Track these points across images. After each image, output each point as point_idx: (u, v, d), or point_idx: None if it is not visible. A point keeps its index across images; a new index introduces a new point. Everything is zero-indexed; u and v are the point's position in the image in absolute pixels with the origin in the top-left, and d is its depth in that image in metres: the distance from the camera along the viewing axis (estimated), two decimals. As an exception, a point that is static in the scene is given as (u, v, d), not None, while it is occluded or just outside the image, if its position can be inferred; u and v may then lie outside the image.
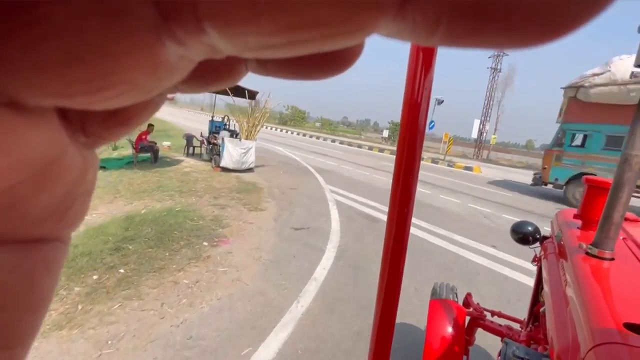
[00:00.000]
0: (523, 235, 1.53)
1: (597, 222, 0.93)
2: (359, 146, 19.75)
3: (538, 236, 1.52)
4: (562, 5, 0.06)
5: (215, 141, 7.22)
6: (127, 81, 0.07)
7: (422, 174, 10.32)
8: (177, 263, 2.97)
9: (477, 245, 4.25)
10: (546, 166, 8.75)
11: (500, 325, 1.55)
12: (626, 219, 1.39)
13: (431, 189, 8.14)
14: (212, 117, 8.48)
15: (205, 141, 7.94)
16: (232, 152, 6.83)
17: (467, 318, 1.61)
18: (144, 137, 6.57)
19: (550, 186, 8.73)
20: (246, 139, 7.19)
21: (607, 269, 0.90)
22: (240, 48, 0.07)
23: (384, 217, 5.16)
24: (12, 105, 0.07)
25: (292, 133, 25.66)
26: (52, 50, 0.06)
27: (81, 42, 0.06)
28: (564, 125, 8.43)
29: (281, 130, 27.92)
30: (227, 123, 8.51)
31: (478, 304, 1.74)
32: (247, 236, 3.78)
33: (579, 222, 1.31)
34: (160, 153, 8.61)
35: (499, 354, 0.96)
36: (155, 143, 7.02)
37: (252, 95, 7.35)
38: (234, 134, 7.66)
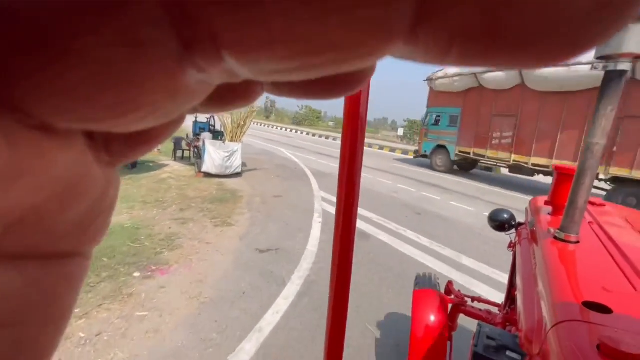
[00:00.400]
0: (499, 222, 1.57)
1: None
2: (369, 145, 18.74)
3: (513, 223, 1.56)
4: (576, 25, 0.06)
5: (197, 144, 6.61)
6: (150, 105, 0.08)
7: (434, 177, 9.33)
8: (84, 305, 2.30)
9: (490, 273, 3.37)
10: (420, 142, 11.46)
11: (480, 310, 1.61)
12: (593, 204, 1.48)
13: (442, 194, 7.18)
14: (196, 117, 7.88)
15: (189, 144, 7.37)
16: (214, 155, 6.19)
17: (450, 305, 1.65)
18: (118, 140, 6.04)
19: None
20: (231, 140, 6.53)
21: (573, 252, 0.94)
22: (257, 73, 0.08)
23: (378, 232, 4.36)
24: (43, 129, 0.07)
25: (301, 133, 24.95)
26: (82, 78, 0.07)
27: (109, 71, 0.07)
28: (428, 109, 10.92)
29: (291, 131, 27.27)
30: (213, 123, 7.89)
31: (459, 290, 1.80)
32: (196, 262, 3.08)
33: (549, 208, 1.33)
34: (147, 157, 8.12)
35: (474, 337, 0.98)
36: (133, 147, 6.49)
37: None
38: (219, 136, 7.03)
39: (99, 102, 0.07)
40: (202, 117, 8.04)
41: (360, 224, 4.50)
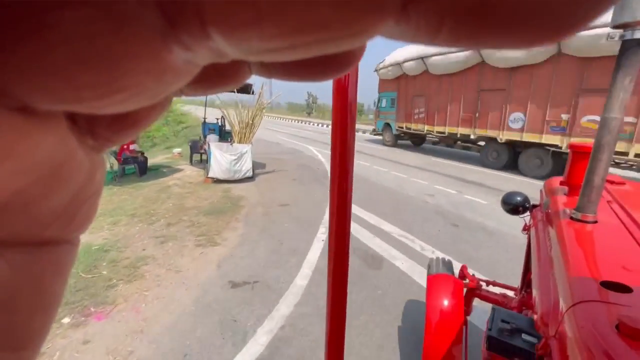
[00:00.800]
0: (513, 206, 1.52)
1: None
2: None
3: (527, 205, 1.52)
4: (564, 5, 0.06)
5: (205, 146, 6.15)
6: (134, 86, 0.07)
7: (482, 173, 7.88)
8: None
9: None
10: (375, 121, 13.94)
11: (495, 294, 1.61)
12: (612, 182, 1.42)
13: (493, 196, 5.84)
14: (204, 118, 7.44)
15: (201, 147, 6.96)
16: (220, 159, 5.66)
17: (464, 289, 1.61)
18: (125, 147, 5.81)
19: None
20: (240, 142, 5.95)
21: (590, 232, 0.91)
22: (245, 52, 0.07)
23: (397, 255, 3.37)
24: (23, 110, 0.07)
25: (339, 128, 23.89)
26: (62, 56, 0.06)
27: (90, 48, 0.06)
28: (379, 94, 13.19)
29: (327, 126, 26.45)
30: (223, 124, 7.39)
31: (473, 275, 1.76)
32: (150, 300, 2.48)
33: (565, 189, 1.30)
34: (167, 161, 7.96)
35: (488, 321, 0.95)
36: (142, 153, 6.25)
37: (245, 89, 6.07)
38: (228, 137, 6.51)
39: (80, 81, 0.07)
40: (212, 118, 7.60)
41: (373, 242, 3.59)
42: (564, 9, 0.06)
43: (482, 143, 9.28)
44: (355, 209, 4.70)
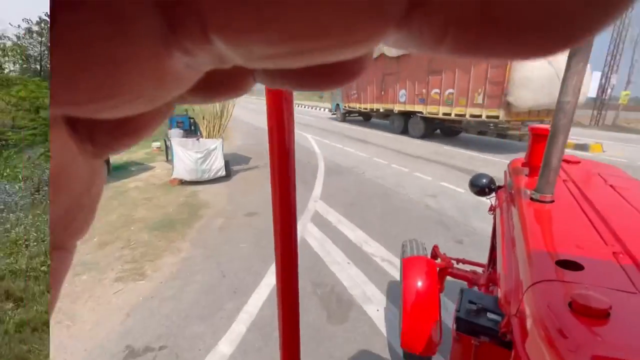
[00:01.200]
0: (480, 188, 1.57)
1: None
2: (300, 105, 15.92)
3: (493, 187, 1.57)
4: (571, 17, 0.06)
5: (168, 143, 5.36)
6: (133, 90, 0.07)
7: (495, 160, 6.77)
8: None
9: None
10: (331, 102, 17.34)
11: (466, 272, 1.69)
12: (568, 161, 1.47)
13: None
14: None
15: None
16: (183, 158, 4.88)
17: (437, 269, 1.68)
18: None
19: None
20: (208, 137, 5.13)
21: (548, 212, 0.97)
22: (246, 58, 0.07)
23: (373, 295, 2.55)
24: None
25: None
26: (59, 58, 0.06)
27: (88, 51, 0.06)
28: None
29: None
30: (193, 116, 6.54)
31: (444, 254, 1.84)
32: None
33: (526, 170, 1.33)
34: (144, 157, 7.27)
35: (457, 303, 0.98)
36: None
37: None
38: (198, 131, 5.71)
39: (78, 84, 0.07)
40: (181, 109, 6.77)
41: (346, 273, 2.73)
42: (571, 19, 0.06)
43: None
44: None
